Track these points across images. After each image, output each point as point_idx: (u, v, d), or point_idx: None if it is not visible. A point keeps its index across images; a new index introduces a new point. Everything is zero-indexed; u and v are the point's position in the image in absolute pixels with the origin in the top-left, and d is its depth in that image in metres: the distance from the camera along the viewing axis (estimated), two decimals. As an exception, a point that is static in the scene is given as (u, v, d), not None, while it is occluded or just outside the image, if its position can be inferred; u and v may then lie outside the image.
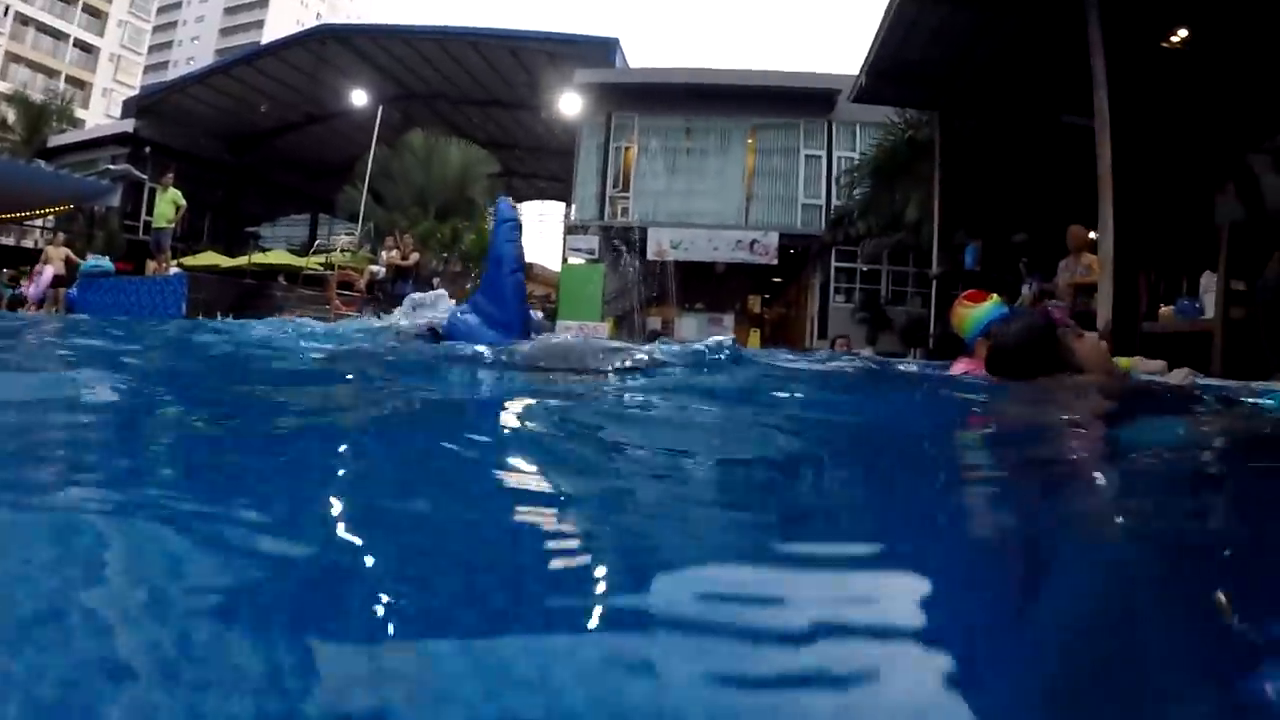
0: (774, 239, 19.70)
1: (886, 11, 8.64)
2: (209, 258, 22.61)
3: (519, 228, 4.78)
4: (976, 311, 3.51)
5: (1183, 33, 8.07)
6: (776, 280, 22.63)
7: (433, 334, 4.53)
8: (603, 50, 22.30)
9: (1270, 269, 6.76)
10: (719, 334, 4.32)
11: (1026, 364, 2.52)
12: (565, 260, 19.94)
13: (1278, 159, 8.76)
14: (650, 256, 19.49)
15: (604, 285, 16.83)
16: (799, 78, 20.29)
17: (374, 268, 14.31)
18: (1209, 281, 7.25)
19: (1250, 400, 3.08)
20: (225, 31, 67.81)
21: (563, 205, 25.41)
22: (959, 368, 3.79)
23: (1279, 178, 8.77)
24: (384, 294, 12.88)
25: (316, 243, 24.86)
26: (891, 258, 16.64)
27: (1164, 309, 7.52)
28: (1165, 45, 8.19)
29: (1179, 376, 4.12)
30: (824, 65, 74.81)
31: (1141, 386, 3.49)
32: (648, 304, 18.76)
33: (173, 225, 11.93)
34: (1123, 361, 3.79)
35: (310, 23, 25.11)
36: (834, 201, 19.45)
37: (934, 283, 10.90)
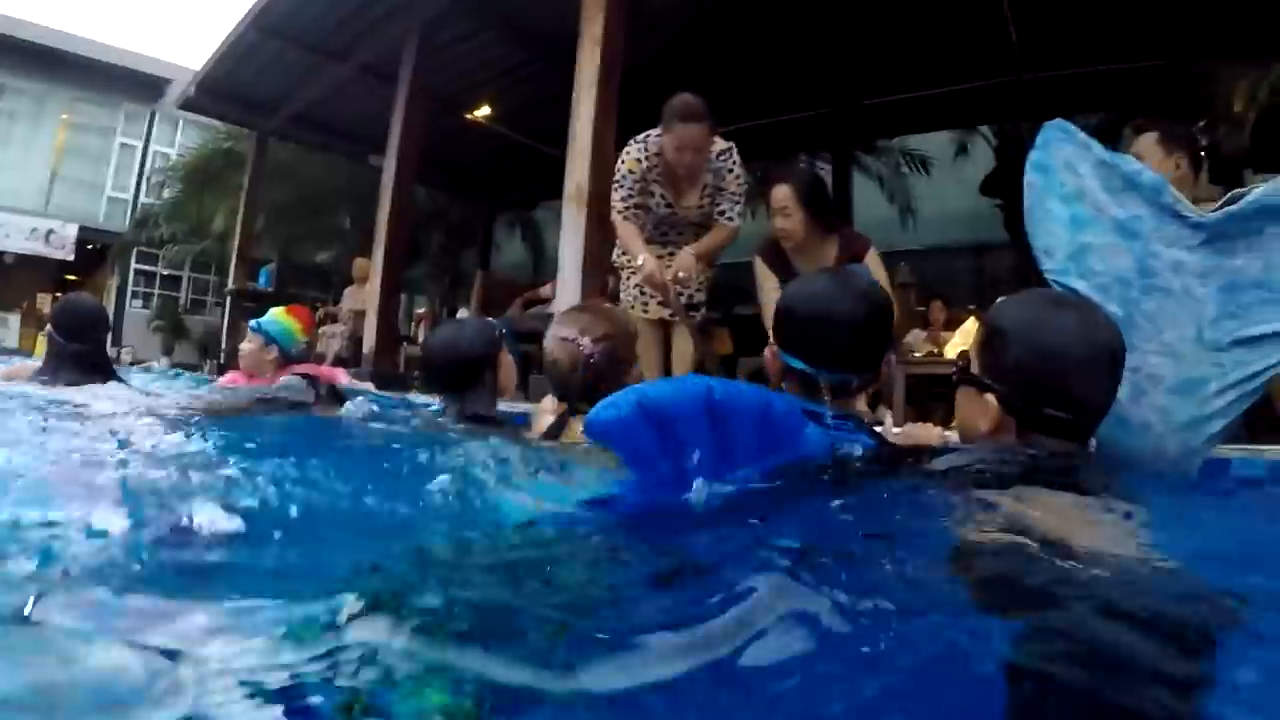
0: (73, 231, 17.34)
1: (227, 37, 8.60)
2: None
3: None
4: (294, 322, 4.04)
5: (486, 110, 9.55)
6: (71, 278, 19.78)
7: None
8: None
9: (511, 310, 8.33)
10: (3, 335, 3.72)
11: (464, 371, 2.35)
12: None
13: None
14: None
15: None
16: (133, 57, 18.25)
17: None
18: (463, 315, 8.66)
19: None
20: None
21: None
22: (226, 379, 4.17)
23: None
24: None
25: None
26: (194, 265, 16.03)
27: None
28: (469, 117, 9.59)
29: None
30: (165, 48, 68.84)
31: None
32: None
33: None
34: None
35: None
36: (143, 199, 17.87)
37: (229, 298, 10.85)
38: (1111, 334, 1.37)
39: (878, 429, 1.63)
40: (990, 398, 1.36)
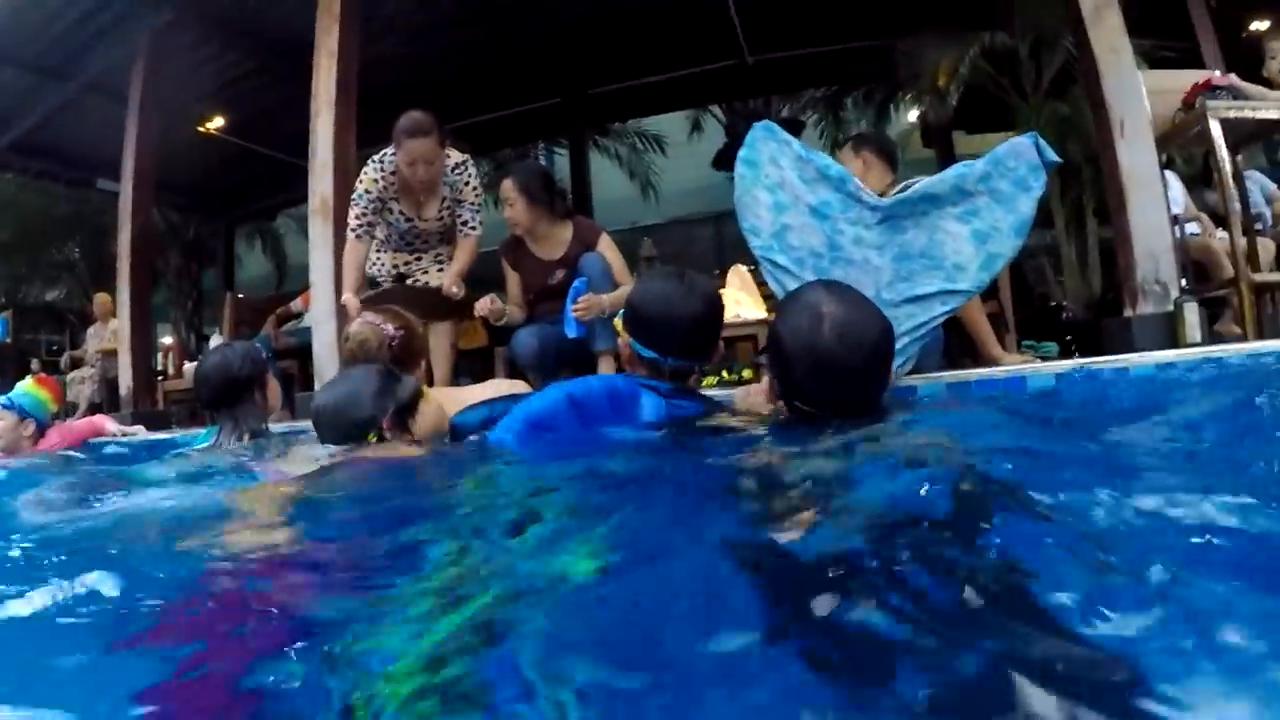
0: None
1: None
2: None
3: None
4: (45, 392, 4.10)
5: (219, 121, 9.13)
6: None
7: None
8: None
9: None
10: None
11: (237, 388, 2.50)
12: None
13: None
14: None
15: None
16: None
17: None
18: (216, 340, 8.29)
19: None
20: None
21: None
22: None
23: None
24: None
25: None
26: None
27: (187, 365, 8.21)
28: (202, 130, 9.15)
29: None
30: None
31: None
32: None
33: None
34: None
35: None
36: None
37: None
38: (870, 338, 1.59)
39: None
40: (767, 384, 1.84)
